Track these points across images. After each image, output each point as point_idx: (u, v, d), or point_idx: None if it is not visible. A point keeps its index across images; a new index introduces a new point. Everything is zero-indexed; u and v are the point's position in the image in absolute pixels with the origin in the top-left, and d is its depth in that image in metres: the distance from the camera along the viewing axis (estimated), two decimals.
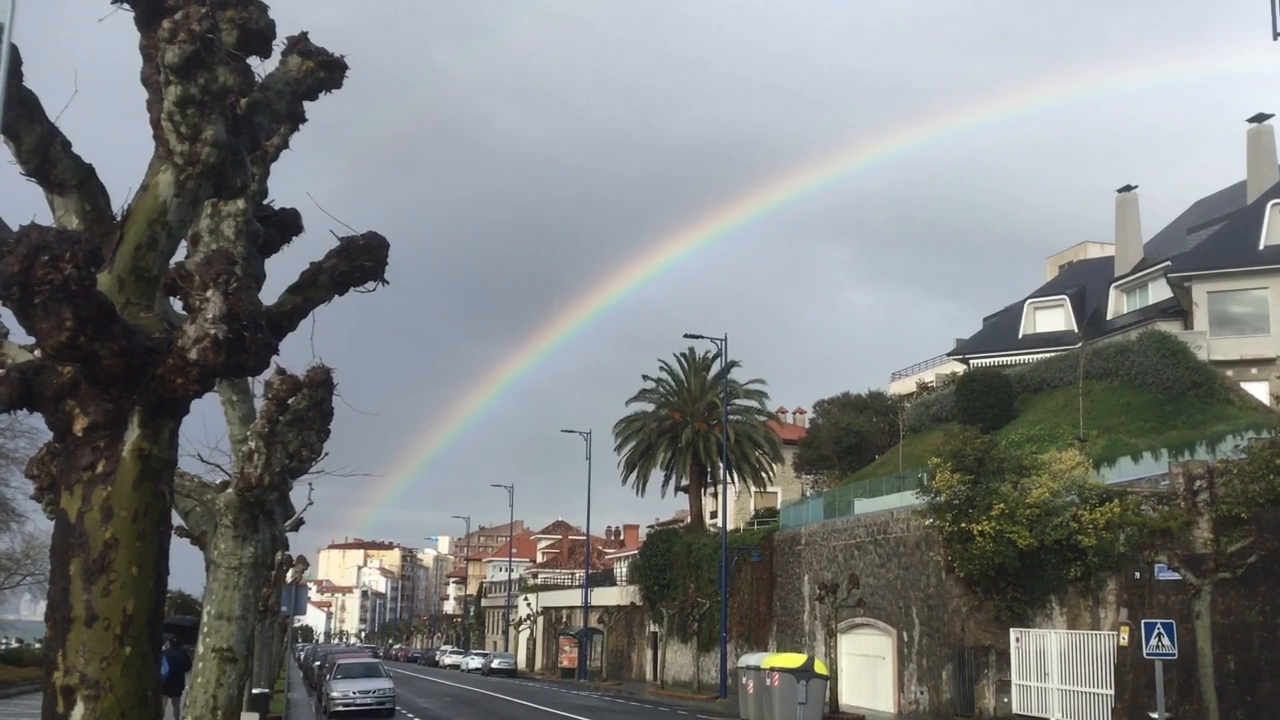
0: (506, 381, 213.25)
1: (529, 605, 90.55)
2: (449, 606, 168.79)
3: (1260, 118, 51.66)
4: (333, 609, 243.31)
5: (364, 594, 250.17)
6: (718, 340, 48.95)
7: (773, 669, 31.72)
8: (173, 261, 4.56)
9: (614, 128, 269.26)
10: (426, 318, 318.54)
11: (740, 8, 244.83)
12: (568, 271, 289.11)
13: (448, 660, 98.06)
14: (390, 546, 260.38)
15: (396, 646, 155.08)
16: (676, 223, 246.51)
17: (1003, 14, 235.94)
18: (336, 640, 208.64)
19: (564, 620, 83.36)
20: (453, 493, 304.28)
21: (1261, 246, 47.05)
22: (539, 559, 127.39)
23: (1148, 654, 22.45)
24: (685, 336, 51.93)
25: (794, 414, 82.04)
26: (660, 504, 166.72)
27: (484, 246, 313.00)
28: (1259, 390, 43.98)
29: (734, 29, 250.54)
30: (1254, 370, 45.42)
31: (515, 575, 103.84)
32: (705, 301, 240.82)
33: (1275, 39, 20.95)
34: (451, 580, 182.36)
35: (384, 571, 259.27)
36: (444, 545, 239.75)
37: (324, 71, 5.06)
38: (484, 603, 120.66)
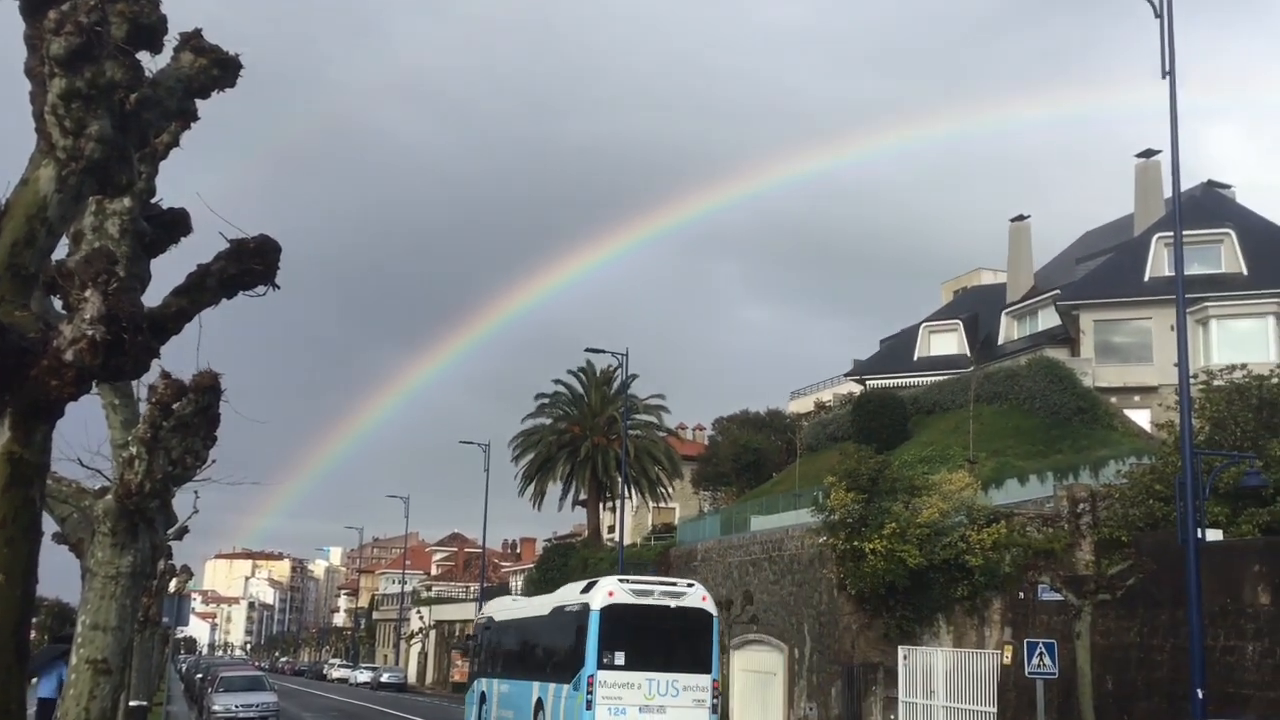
0: (404, 390, 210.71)
1: (422, 618, 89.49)
2: (339, 619, 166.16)
3: (1148, 153, 53.44)
4: (218, 620, 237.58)
5: (251, 605, 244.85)
6: (619, 355, 49.06)
7: None
8: (54, 259, 4.41)
9: (515, 137, 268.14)
10: (321, 324, 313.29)
11: (638, 17, 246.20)
12: (468, 280, 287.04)
13: (336, 674, 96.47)
14: (280, 557, 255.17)
15: (283, 659, 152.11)
16: (578, 234, 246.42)
17: (895, 35, 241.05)
18: (221, 652, 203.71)
19: (458, 633, 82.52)
20: (346, 503, 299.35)
21: (1146, 278, 48.66)
22: (434, 571, 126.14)
23: (1029, 673, 22.99)
24: (586, 350, 52.03)
25: (694, 430, 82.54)
26: (558, 517, 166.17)
27: (381, 253, 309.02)
28: (1141, 417, 45.42)
29: (632, 37, 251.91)
30: (1137, 398, 46.92)
31: (409, 588, 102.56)
32: (607, 314, 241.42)
33: (1163, 77, 21.76)
34: (343, 592, 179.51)
35: (273, 582, 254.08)
36: (336, 556, 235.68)
37: (217, 69, 4.95)
38: (375, 615, 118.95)
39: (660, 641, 24.78)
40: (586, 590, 26.09)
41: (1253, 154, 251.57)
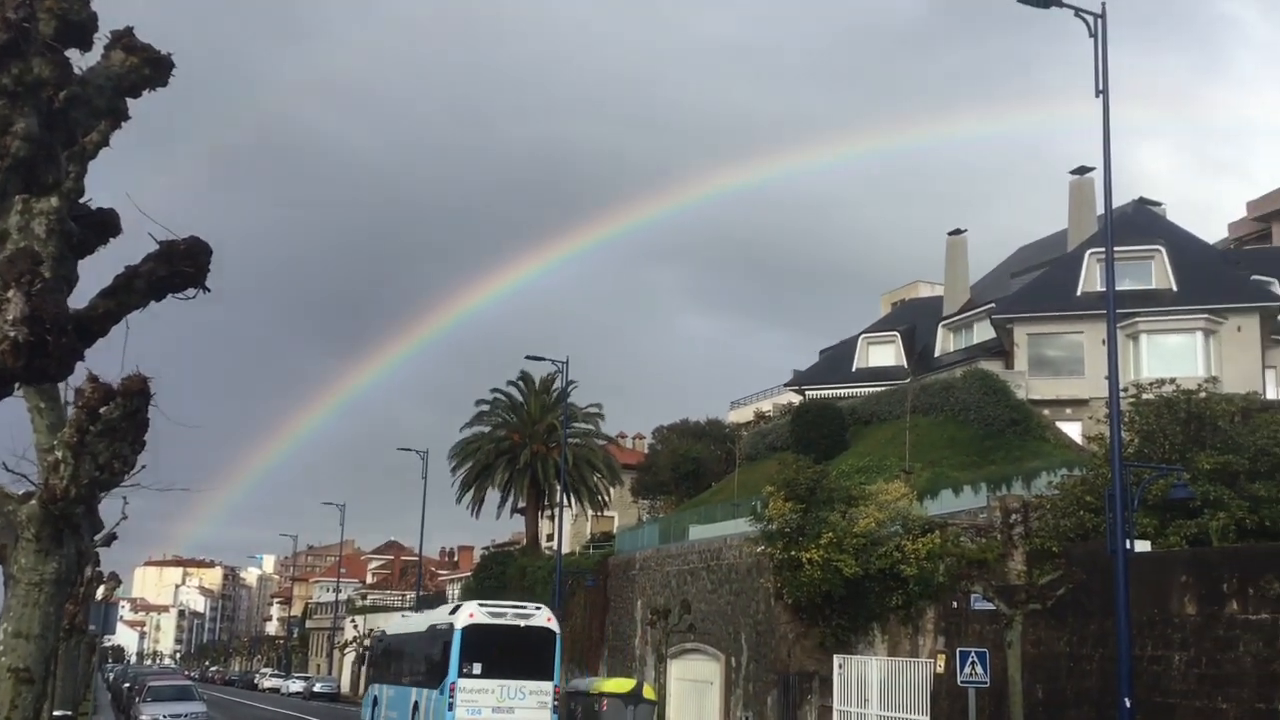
0: (342, 397, 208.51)
1: (356, 627, 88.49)
2: (272, 628, 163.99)
3: (1082, 170, 54.41)
4: (147, 629, 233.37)
5: (181, 613, 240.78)
6: (559, 363, 48.92)
7: (601, 694, 31.72)
8: None
9: (453, 142, 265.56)
10: (256, 328, 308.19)
11: (581, 27, 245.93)
12: (409, 287, 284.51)
13: (267, 684, 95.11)
14: (211, 564, 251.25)
15: (214, 668, 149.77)
16: (520, 241, 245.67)
17: (835, 50, 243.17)
18: (150, 661, 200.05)
19: None
20: (281, 510, 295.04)
21: (1079, 293, 49.51)
22: (369, 580, 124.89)
23: (961, 681, 23.23)
24: (527, 358, 51.80)
25: (633, 439, 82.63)
26: (496, 526, 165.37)
27: (319, 257, 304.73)
28: (1072, 430, 46.16)
29: (574, 47, 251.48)
30: (1068, 410, 47.69)
31: (343, 596, 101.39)
32: (548, 322, 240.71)
33: (1097, 96, 22.14)
34: (276, 600, 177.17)
35: (204, 590, 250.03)
36: (269, 564, 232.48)
37: (148, 68, 4.85)
38: (309, 624, 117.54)
39: (511, 655, 29.45)
40: (453, 612, 30.97)
41: (1183, 172, 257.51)
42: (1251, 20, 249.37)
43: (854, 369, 60.92)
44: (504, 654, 29.36)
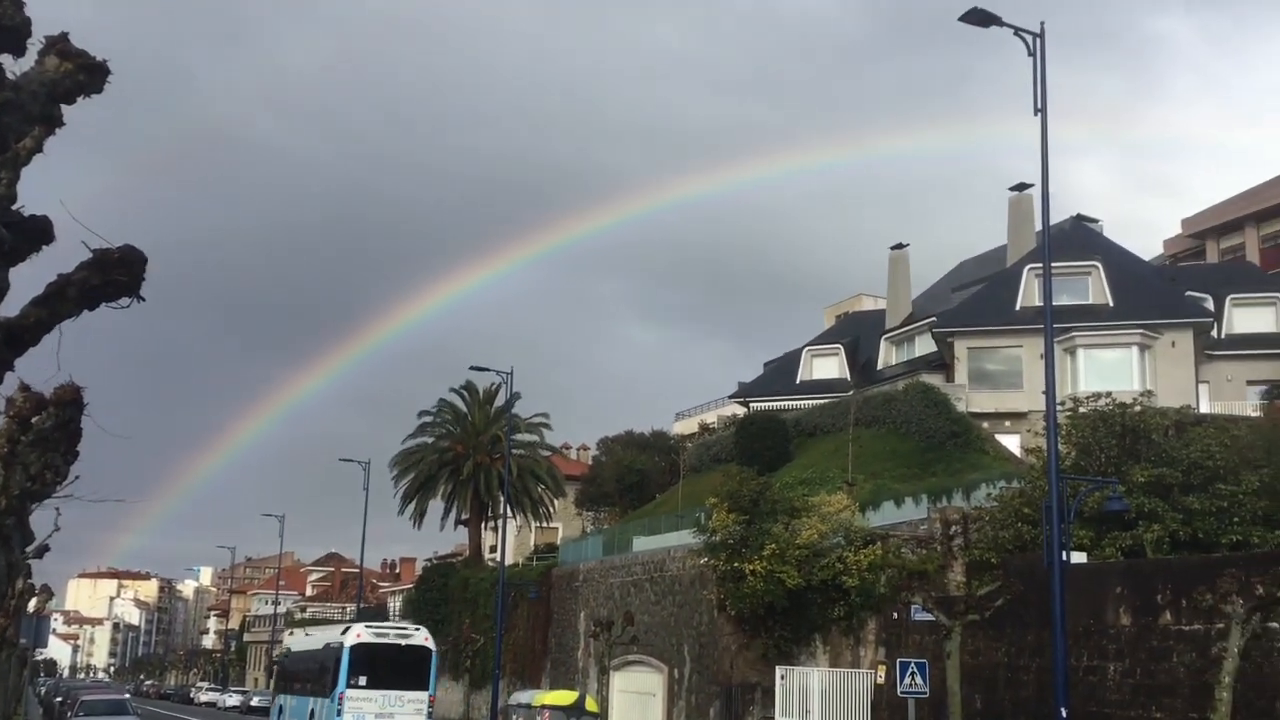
0: (281, 406, 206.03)
1: None
2: (209, 641, 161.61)
3: (1021, 186, 55.22)
4: (80, 642, 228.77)
5: (116, 626, 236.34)
6: (503, 373, 48.69)
7: (544, 706, 31.64)
8: None
9: (399, 151, 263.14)
10: (194, 337, 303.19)
11: (528, 36, 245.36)
12: (349, 295, 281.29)
13: (203, 698, 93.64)
14: (147, 576, 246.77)
15: (149, 682, 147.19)
16: (464, 250, 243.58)
17: (780, 62, 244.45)
18: (83, 675, 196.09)
19: None
20: (219, 521, 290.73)
21: (1018, 308, 50.18)
22: (309, 592, 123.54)
23: (901, 692, 23.41)
24: (471, 369, 51.46)
25: (578, 450, 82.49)
26: (439, 537, 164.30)
27: (259, 265, 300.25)
28: (1011, 442, 46.70)
29: (521, 57, 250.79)
30: (1007, 423, 48.25)
31: (282, 609, 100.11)
32: (493, 332, 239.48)
33: (1035, 114, 22.47)
34: (213, 613, 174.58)
35: (139, 603, 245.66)
36: (206, 576, 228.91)
37: (84, 74, 4.74)
38: (247, 637, 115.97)
39: (392, 669, 33.88)
40: (344, 632, 35.37)
41: (1120, 190, 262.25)
42: (1184, 40, 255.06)
43: (798, 381, 61.26)
44: (386, 668, 33.72)
